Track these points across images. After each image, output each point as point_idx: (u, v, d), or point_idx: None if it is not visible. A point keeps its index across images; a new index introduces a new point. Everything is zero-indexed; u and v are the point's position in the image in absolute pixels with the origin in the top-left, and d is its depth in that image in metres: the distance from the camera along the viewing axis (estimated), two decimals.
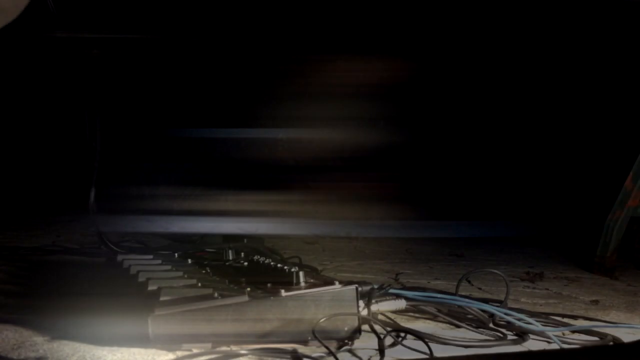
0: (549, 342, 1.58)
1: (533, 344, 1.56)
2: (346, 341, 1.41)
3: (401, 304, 1.65)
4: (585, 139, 3.98)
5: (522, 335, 1.59)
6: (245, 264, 1.81)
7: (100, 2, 3.20)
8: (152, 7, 3.53)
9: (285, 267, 1.55)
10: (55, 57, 3.49)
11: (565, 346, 1.54)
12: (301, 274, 1.45)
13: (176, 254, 1.93)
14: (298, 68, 3.77)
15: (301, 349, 1.34)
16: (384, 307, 1.62)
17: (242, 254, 1.94)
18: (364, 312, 1.52)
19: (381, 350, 1.33)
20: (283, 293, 1.36)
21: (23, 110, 4.06)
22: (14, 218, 3.46)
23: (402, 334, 1.48)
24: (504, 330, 1.64)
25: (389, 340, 1.41)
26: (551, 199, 3.98)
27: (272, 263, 1.67)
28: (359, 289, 1.44)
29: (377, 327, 1.44)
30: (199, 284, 1.43)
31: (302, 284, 1.43)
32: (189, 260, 1.85)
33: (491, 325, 1.66)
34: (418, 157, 4.20)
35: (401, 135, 3.94)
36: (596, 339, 1.63)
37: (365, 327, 1.45)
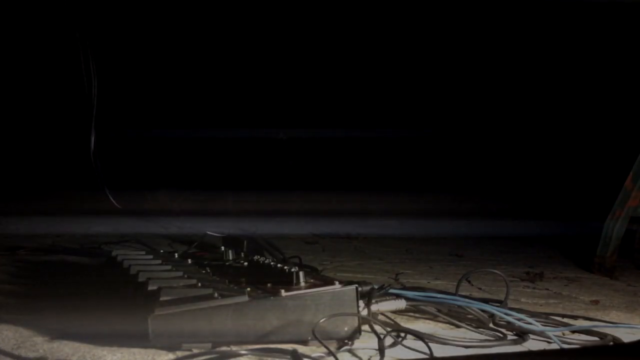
0: (549, 342, 1.58)
1: (533, 344, 1.56)
2: (346, 341, 1.41)
3: (401, 304, 1.65)
4: (585, 139, 3.98)
5: (522, 335, 1.59)
6: (245, 264, 1.81)
7: None
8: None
9: (285, 267, 1.55)
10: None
11: (565, 346, 1.54)
12: (301, 274, 1.45)
13: (176, 254, 1.93)
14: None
15: (301, 349, 1.34)
16: (384, 307, 1.62)
17: (242, 253, 1.94)
18: (364, 312, 1.51)
19: (381, 350, 1.33)
20: (283, 293, 1.36)
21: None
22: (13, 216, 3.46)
23: (402, 334, 1.48)
24: (504, 330, 1.64)
25: (389, 340, 1.41)
26: (551, 198, 3.98)
27: (272, 263, 1.67)
28: (359, 289, 1.44)
29: (377, 327, 1.44)
30: (199, 284, 1.42)
31: (302, 284, 1.43)
32: (189, 260, 1.85)
33: (491, 325, 1.66)
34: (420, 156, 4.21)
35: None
36: (596, 339, 1.63)
37: (365, 327, 1.45)
